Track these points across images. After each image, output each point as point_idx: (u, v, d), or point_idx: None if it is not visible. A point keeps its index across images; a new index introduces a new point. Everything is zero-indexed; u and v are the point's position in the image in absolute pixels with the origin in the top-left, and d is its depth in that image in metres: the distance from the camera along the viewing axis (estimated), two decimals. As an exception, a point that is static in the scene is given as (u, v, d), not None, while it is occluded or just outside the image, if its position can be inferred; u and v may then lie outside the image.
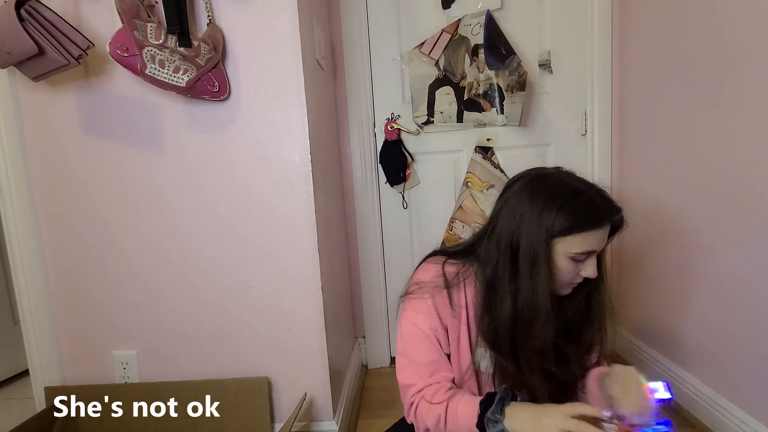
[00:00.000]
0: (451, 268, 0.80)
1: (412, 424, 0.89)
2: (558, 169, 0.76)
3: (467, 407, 0.69)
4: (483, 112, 1.56)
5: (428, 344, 0.77)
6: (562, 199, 0.70)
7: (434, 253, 0.87)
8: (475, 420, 0.67)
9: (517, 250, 0.72)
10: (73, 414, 1.12)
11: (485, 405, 0.67)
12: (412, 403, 0.76)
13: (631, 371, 0.71)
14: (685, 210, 1.23)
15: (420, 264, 0.86)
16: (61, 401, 1.11)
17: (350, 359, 1.52)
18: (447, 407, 0.71)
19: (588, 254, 0.71)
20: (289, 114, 1.05)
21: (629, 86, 1.49)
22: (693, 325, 1.23)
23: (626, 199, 1.54)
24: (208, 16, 1.00)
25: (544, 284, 0.71)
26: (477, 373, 0.80)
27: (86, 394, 1.13)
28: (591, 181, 0.74)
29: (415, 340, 0.78)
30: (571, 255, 0.70)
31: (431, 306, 0.77)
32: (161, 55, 0.92)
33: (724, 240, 1.09)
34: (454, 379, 0.77)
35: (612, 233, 0.75)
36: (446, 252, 0.86)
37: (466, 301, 0.79)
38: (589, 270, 0.72)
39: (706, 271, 1.16)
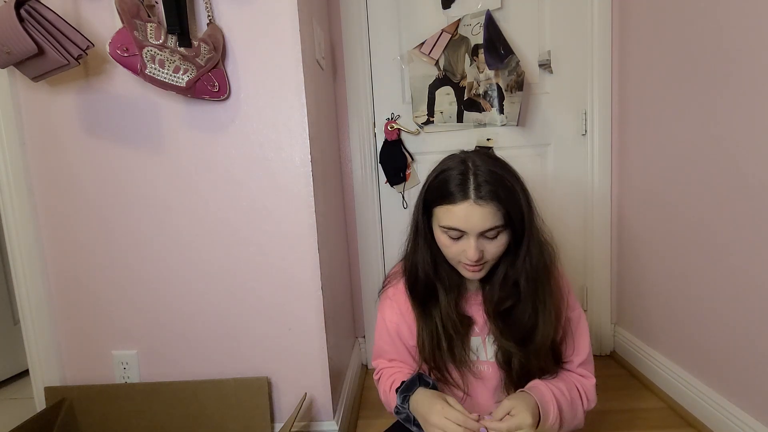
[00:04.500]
0: None
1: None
2: (477, 151, 0.83)
3: (394, 394, 0.81)
4: (483, 112, 1.56)
5: (386, 335, 0.88)
6: (436, 173, 0.77)
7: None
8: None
9: (412, 219, 0.83)
10: (73, 414, 1.12)
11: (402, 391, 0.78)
12: (377, 378, 0.91)
13: (525, 399, 0.72)
14: (685, 210, 1.23)
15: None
16: (61, 401, 1.12)
17: (350, 359, 1.52)
18: (388, 390, 0.84)
19: (460, 232, 0.73)
20: (289, 114, 1.05)
21: (629, 86, 1.49)
22: (693, 325, 1.23)
23: (626, 199, 1.54)
24: (208, 16, 1.00)
25: (425, 251, 0.80)
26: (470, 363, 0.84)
27: (86, 394, 1.13)
28: (500, 160, 0.77)
29: (380, 330, 0.90)
30: (441, 227, 0.75)
31: (393, 301, 0.88)
32: (161, 55, 0.91)
33: (724, 239, 1.09)
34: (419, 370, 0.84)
35: (517, 229, 0.74)
36: None
37: None
38: (468, 252, 0.73)
39: (706, 271, 1.16)
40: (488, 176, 0.71)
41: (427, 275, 0.81)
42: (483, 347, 0.84)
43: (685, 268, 1.24)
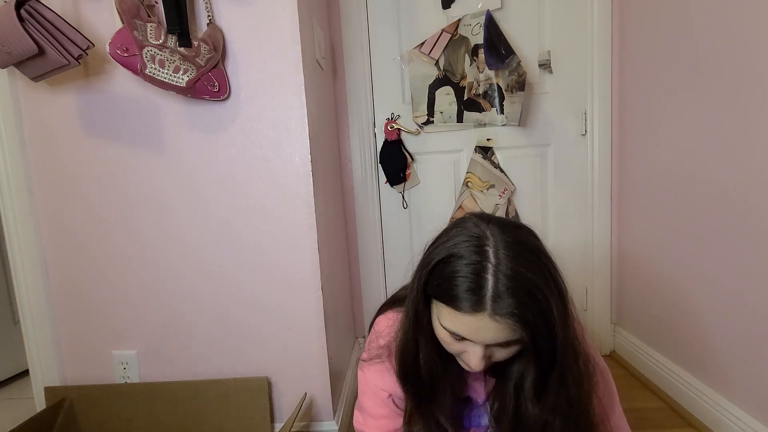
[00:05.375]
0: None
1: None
2: (504, 229, 0.57)
3: None
4: (483, 112, 1.56)
5: (378, 401, 0.73)
6: (442, 257, 0.57)
7: (391, 300, 0.79)
8: None
9: (409, 303, 0.64)
10: (73, 414, 1.12)
11: None
12: None
13: None
14: (686, 209, 1.23)
15: (378, 314, 0.80)
16: (61, 401, 1.12)
17: (350, 359, 1.52)
18: None
19: (460, 337, 0.57)
20: (289, 114, 1.05)
21: (629, 86, 1.49)
22: (693, 324, 1.23)
23: (626, 199, 1.54)
24: (208, 16, 1.00)
25: (429, 348, 0.63)
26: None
27: (86, 394, 1.13)
28: (533, 250, 0.56)
29: (367, 391, 0.75)
30: (443, 326, 0.58)
31: (388, 368, 0.71)
32: (161, 55, 0.91)
33: (725, 239, 1.09)
34: None
35: (537, 344, 0.55)
36: (398, 298, 0.77)
37: None
38: (471, 360, 0.57)
39: (707, 272, 1.16)
40: (513, 280, 0.52)
41: (432, 374, 0.65)
42: (482, 415, 0.73)
43: (686, 268, 1.24)
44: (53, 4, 0.95)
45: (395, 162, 1.59)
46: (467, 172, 1.60)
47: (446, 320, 0.57)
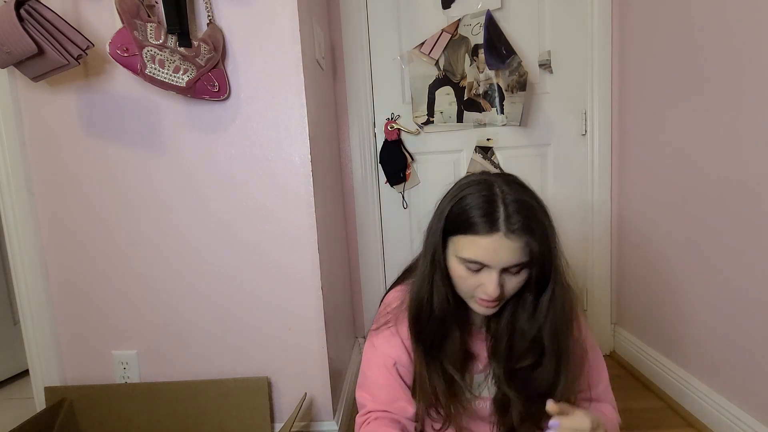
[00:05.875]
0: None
1: None
2: (500, 174, 0.70)
3: None
4: (483, 112, 1.56)
5: (383, 368, 0.74)
6: (456, 197, 0.67)
7: (399, 278, 0.85)
8: None
9: (426, 245, 0.72)
10: (73, 414, 1.12)
11: None
12: (360, 423, 0.73)
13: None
14: (686, 209, 1.23)
15: (386, 292, 0.84)
16: (61, 401, 1.12)
17: (350, 359, 1.52)
18: None
19: (480, 265, 0.64)
20: (289, 114, 1.05)
21: (629, 86, 1.49)
22: (693, 325, 1.23)
23: (626, 199, 1.54)
24: (208, 16, 1.00)
25: (443, 286, 0.69)
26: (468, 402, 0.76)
27: (86, 394, 1.13)
28: (528, 187, 0.67)
29: (372, 360, 0.76)
30: (460, 257, 0.66)
31: (394, 332, 0.75)
32: (161, 55, 0.91)
33: (725, 239, 1.09)
34: (415, 416, 0.73)
35: (542, 267, 0.66)
36: (411, 266, 0.83)
37: None
38: (488, 287, 0.64)
39: (707, 272, 1.16)
40: (519, 206, 0.63)
41: (444, 313, 0.71)
42: (485, 384, 0.77)
43: (686, 268, 1.24)
44: (53, 4, 0.95)
45: (395, 162, 1.59)
46: (467, 172, 1.60)
47: (465, 251, 0.64)
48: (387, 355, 0.75)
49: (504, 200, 0.63)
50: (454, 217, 0.66)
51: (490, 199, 0.63)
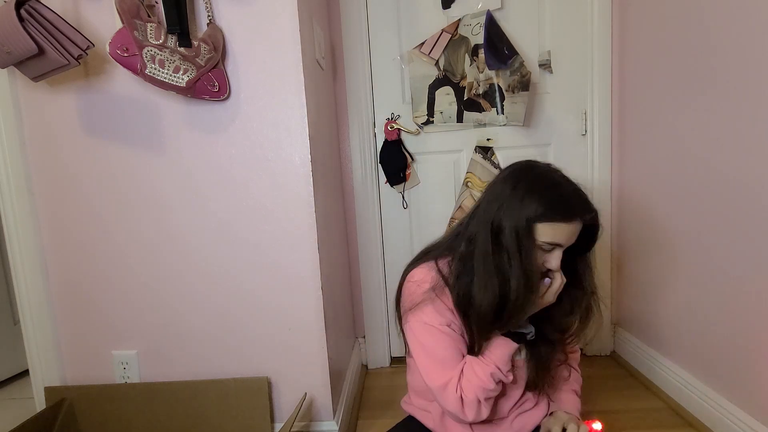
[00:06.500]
0: (444, 265, 0.82)
1: (412, 424, 0.90)
2: (548, 165, 0.80)
3: (497, 347, 0.79)
4: (483, 112, 1.56)
5: (446, 338, 0.80)
6: (542, 188, 0.74)
7: (421, 256, 0.89)
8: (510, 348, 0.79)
9: (499, 233, 0.75)
10: (73, 414, 1.12)
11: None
12: (458, 399, 0.77)
13: (572, 418, 0.83)
14: (685, 209, 1.23)
15: (408, 271, 0.86)
16: (61, 401, 1.12)
17: (350, 359, 1.52)
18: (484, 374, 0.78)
19: (554, 246, 0.75)
20: (289, 114, 1.05)
21: (629, 86, 1.49)
22: (693, 324, 1.23)
23: (626, 199, 1.54)
24: (208, 16, 1.00)
25: (531, 263, 0.74)
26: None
27: (86, 394, 1.13)
28: (574, 180, 0.78)
29: (432, 337, 0.80)
30: (539, 243, 0.74)
31: (439, 304, 0.80)
32: (161, 55, 0.92)
33: (724, 239, 1.09)
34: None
35: (589, 237, 0.81)
36: (432, 248, 0.88)
37: None
38: (553, 263, 0.75)
39: (707, 272, 1.16)
40: (585, 194, 0.77)
41: (518, 296, 0.74)
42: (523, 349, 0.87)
43: (685, 268, 1.24)
44: (53, 4, 0.95)
45: (395, 162, 1.59)
46: (467, 172, 1.60)
47: (545, 235, 0.73)
48: (443, 324, 0.80)
49: (568, 188, 0.75)
50: (538, 210, 0.73)
51: (576, 189, 0.75)
